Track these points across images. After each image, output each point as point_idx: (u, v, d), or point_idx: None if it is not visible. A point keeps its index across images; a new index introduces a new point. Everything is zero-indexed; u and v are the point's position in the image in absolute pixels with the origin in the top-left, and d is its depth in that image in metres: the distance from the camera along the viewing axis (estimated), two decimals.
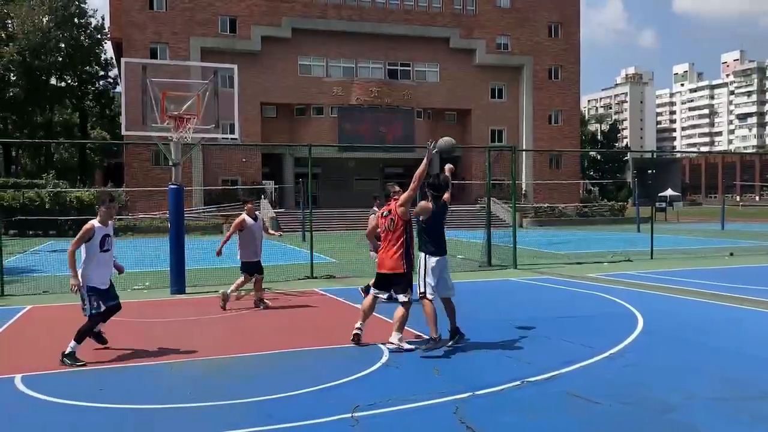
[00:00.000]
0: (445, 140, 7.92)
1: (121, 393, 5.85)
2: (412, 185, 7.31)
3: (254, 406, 5.45)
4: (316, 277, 14.23)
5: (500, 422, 5.00)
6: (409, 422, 5.03)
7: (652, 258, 17.75)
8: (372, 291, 7.71)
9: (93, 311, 7.07)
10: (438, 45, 49.16)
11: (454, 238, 28.80)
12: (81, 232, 7.03)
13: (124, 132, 12.77)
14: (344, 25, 46.76)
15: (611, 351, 7.13)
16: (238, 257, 10.59)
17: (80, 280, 7.01)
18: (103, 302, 7.10)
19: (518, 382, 5.96)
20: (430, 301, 7.27)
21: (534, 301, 11.11)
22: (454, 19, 49.26)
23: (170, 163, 12.75)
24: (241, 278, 10.47)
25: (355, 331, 7.54)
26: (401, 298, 7.32)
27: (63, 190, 35.41)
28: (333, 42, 46.97)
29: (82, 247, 7.06)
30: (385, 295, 7.51)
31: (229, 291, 10.23)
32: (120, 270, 7.70)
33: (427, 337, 7.36)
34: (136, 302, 11.11)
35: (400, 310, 7.34)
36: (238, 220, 10.55)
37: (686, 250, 20.78)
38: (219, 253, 10.47)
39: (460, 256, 19.22)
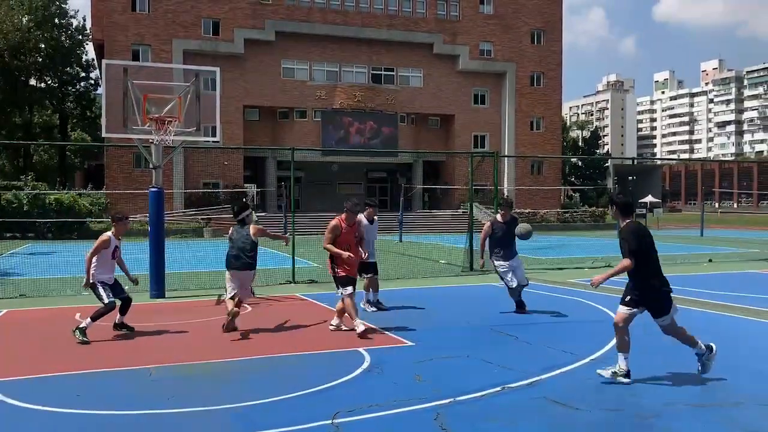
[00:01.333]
0: (524, 227, 9.57)
1: (99, 399, 5.77)
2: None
3: (234, 412, 5.40)
4: (297, 282, 14.16)
5: (481, 428, 5.00)
6: (390, 428, 5.01)
7: None
8: (349, 291, 8.53)
9: (108, 299, 8.34)
10: (421, 50, 49.29)
11: (436, 242, 28.85)
12: (98, 242, 8.53)
13: (104, 134, 12.63)
14: (328, 29, 46.73)
15: (592, 357, 7.17)
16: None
17: (92, 280, 8.42)
18: (113, 294, 8.45)
19: (499, 388, 5.97)
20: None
21: (515, 306, 11.11)
22: (438, 24, 49.44)
23: (151, 166, 12.64)
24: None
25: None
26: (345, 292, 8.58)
27: (42, 192, 34.97)
28: (317, 46, 46.92)
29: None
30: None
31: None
32: (135, 282, 9.10)
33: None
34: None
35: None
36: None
37: (666, 257, 20.83)
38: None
39: (442, 261, 19.25)
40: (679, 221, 58.13)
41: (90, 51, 52.78)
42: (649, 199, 68.23)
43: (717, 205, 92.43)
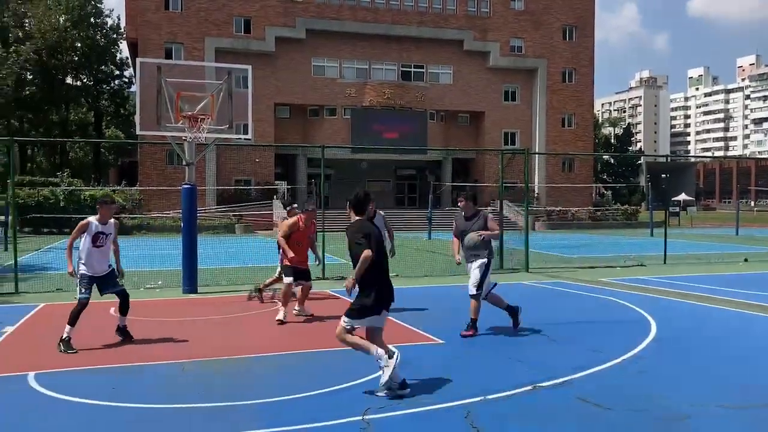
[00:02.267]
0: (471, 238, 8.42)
1: (133, 392, 5.88)
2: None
3: (265, 408, 5.46)
4: (327, 278, 14.24)
5: (512, 427, 4.99)
6: (420, 426, 5.02)
7: (665, 263, 17.65)
8: (289, 281, 9.31)
9: (80, 295, 7.66)
10: (451, 47, 49.12)
11: None
12: (78, 226, 7.72)
13: (138, 132, 12.83)
14: (358, 27, 46.83)
15: (623, 357, 7.09)
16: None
17: (73, 268, 7.71)
18: (104, 288, 7.86)
19: (529, 387, 5.94)
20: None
21: (546, 305, 11.06)
22: (468, 21, 49.21)
23: (184, 163, 12.81)
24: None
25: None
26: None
27: (78, 188, 35.66)
28: (347, 43, 47.05)
29: (82, 240, 7.71)
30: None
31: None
32: (120, 275, 8.07)
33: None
34: (148, 301, 11.18)
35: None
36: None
37: (700, 256, 20.62)
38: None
39: None
40: (713, 220, 57.12)
41: (124, 49, 53.63)
42: (682, 197, 67.20)
43: (753, 203, 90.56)
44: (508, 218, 35.37)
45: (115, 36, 53.23)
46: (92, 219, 7.80)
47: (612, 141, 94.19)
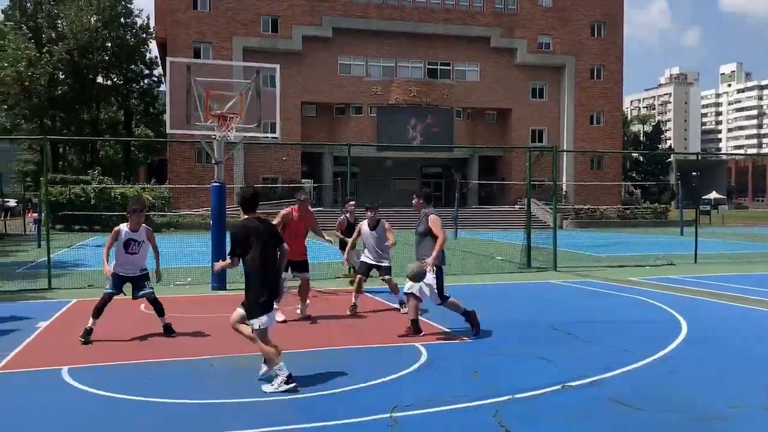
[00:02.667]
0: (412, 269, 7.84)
1: (163, 387, 5.95)
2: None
3: (293, 404, 5.50)
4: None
5: (541, 427, 4.96)
6: (448, 424, 5.02)
7: (696, 262, 17.40)
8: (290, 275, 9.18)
9: (106, 290, 8.09)
10: (478, 44, 48.90)
11: (492, 239, 28.62)
12: (111, 234, 8.06)
13: (169, 130, 12.97)
14: (384, 25, 46.85)
15: (654, 357, 7.01)
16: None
17: (109, 271, 8.06)
18: (132, 292, 8.18)
19: (558, 387, 5.90)
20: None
21: (574, 304, 10.97)
22: (495, 18, 48.94)
23: (213, 161, 12.93)
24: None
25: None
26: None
27: (108, 186, 36.19)
28: (373, 41, 47.09)
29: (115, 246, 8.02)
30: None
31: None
32: (157, 276, 8.42)
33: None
34: (178, 297, 11.31)
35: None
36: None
37: (732, 255, 20.28)
38: None
39: (498, 258, 19.10)
40: (746, 218, 56.12)
41: (153, 49, 54.28)
42: (713, 195, 66.15)
43: None
44: (535, 216, 35.10)
45: (144, 36, 53.89)
46: (123, 227, 8.02)
47: (641, 138, 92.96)
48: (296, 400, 5.56)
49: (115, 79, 54.33)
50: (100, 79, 53.30)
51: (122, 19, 52.45)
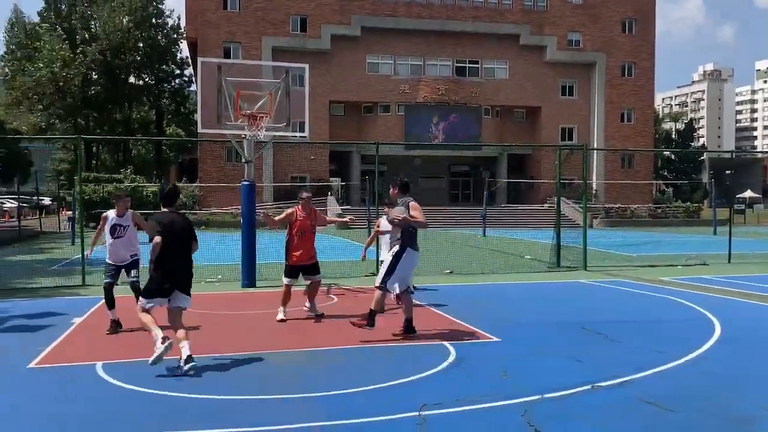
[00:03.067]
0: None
1: (194, 383, 6.03)
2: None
3: (321, 400, 5.53)
4: (376, 274, 14.28)
5: (570, 427, 4.93)
6: (477, 423, 5.01)
7: (729, 262, 17.10)
8: (286, 281, 9.16)
9: (104, 281, 8.62)
10: (507, 42, 48.59)
11: (521, 238, 28.44)
12: (101, 220, 8.65)
13: (200, 129, 13.14)
14: (413, 23, 46.79)
15: (686, 358, 6.91)
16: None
17: (89, 252, 9.28)
18: (110, 277, 8.51)
19: (588, 387, 5.86)
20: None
21: (604, 304, 10.86)
22: (525, 15, 48.59)
23: (243, 160, 13.05)
24: None
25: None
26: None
27: (140, 184, 36.73)
28: (401, 40, 47.07)
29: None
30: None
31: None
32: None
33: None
34: (208, 294, 11.44)
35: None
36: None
37: (767, 255, 19.88)
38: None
39: (528, 257, 18.98)
40: None
41: (184, 49, 54.89)
42: (748, 194, 64.94)
43: None
44: (565, 215, 34.77)
45: (175, 36, 54.53)
46: (110, 212, 8.58)
47: (673, 136, 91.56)
48: (324, 398, 5.59)
49: (146, 79, 55.06)
50: (132, 79, 54.06)
51: (154, 20, 53.13)
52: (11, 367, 6.65)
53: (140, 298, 6.79)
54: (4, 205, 44.02)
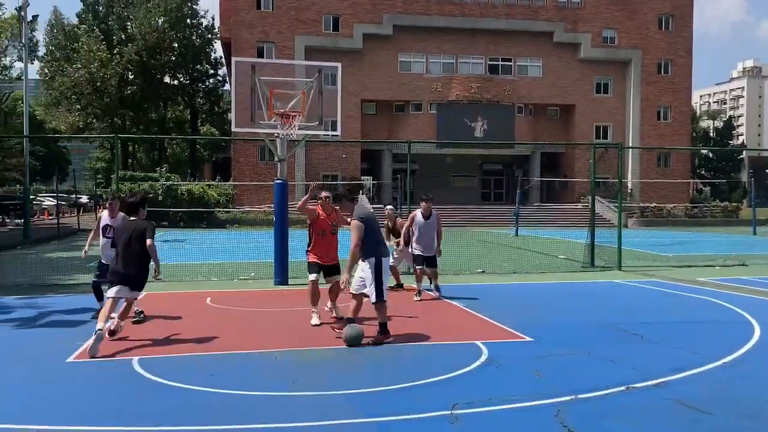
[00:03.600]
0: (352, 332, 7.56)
1: (228, 379, 6.09)
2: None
3: (354, 398, 5.54)
4: (411, 273, 14.27)
5: (603, 428, 4.86)
6: (510, 423, 4.98)
7: None
8: (312, 277, 8.93)
9: (93, 279, 9.37)
10: (541, 39, 48.14)
11: (555, 238, 28.16)
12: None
13: (234, 128, 13.26)
14: (445, 21, 46.62)
15: (724, 360, 6.77)
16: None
17: (83, 254, 9.75)
18: (97, 275, 9.22)
19: (623, 388, 5.78)
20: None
21: (640, 304, 10.70)
22: (558, 12, 48.08)
23: (276, 159, 13.15)
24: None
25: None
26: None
27: (175, 183, 37.25)
28: (433, 38, 46.94)
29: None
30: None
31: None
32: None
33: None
34: (241, 292, 11.56)
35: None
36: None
37: None
38: None
39: (561, 257, 18.79)
40: None
41: (218, 49, 55.49)
42: None
43: None
44: (599, 214, 34.38)
45: (209, 36, 55.21)
46: (104, 213, 9.26)
47: (711, 135, 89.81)
48: (356, 395, 5.61)
49: (181, 79, 55.83)
50: (167, 79, 54.87)
51: (188, 20, 53.87)
52: (50, 361, 6.80)
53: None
54: (44, 203, 45.01)
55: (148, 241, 7.54)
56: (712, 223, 42.91)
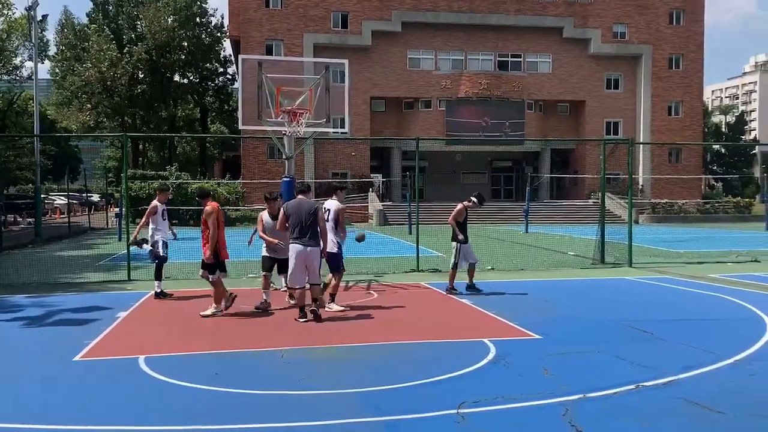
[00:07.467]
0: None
1: (234, 378, 6.08)
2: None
3: (361, 397, 5.51)
4: (422, 271, 14.25)
5: (612, 427, 4.81)
6: (517, 422, 4.93)
7: None
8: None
9: (163, 253, 11.01)
10: (550, 35, 47.88)
11: (565, 234, 28.02)
12: (150, 208, 11.02)
13: (241, 126, 13.24)
14: (454, 17, 46.45)
15: (736, 358, 6.69)
16: None
17: (155, 238, 11.01)
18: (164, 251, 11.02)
19: (632, 386, 5.71)
20: None
21: (650, 301, 10.60)
22: (568, 8, 47.79)
23: (284, 157, 13.12)
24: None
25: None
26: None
27: (185, 181, 37.34)
28: (442, 35, 46.79)
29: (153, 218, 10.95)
30: None
31: None
32: (173, 236, 11.45)
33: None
34: (250, 290, 11.54)
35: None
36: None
37: None
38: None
39: (571, 253, 18.68)
40: None
41: (227, 47, 55.56)
42: None
43: None
44: (610, 211, 34.16)
45: (219, 34, 55.24)
46: (156, 202, 11.03)
47: (723, 130, 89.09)
48: (362, 394, 5.57)
49: (191, 78, 55.91)
50: (177, 78, 54.96)
51: (198, 19, 53.88)
52: (59, 359, 6.81)
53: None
54: (55, 202, 45.26)
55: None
56: (725, 219, 42.59)
